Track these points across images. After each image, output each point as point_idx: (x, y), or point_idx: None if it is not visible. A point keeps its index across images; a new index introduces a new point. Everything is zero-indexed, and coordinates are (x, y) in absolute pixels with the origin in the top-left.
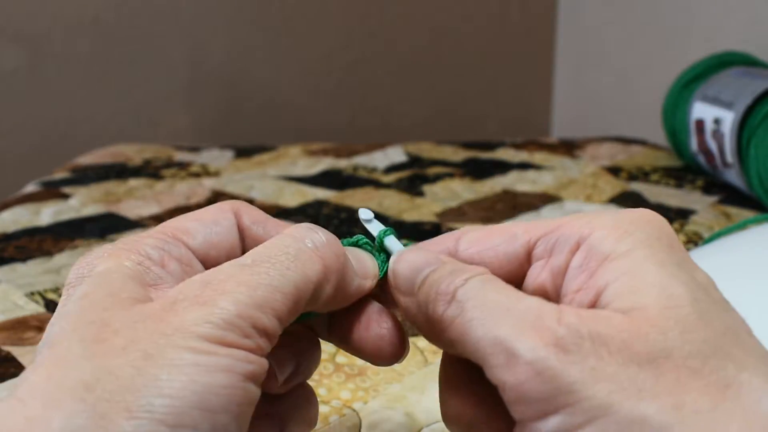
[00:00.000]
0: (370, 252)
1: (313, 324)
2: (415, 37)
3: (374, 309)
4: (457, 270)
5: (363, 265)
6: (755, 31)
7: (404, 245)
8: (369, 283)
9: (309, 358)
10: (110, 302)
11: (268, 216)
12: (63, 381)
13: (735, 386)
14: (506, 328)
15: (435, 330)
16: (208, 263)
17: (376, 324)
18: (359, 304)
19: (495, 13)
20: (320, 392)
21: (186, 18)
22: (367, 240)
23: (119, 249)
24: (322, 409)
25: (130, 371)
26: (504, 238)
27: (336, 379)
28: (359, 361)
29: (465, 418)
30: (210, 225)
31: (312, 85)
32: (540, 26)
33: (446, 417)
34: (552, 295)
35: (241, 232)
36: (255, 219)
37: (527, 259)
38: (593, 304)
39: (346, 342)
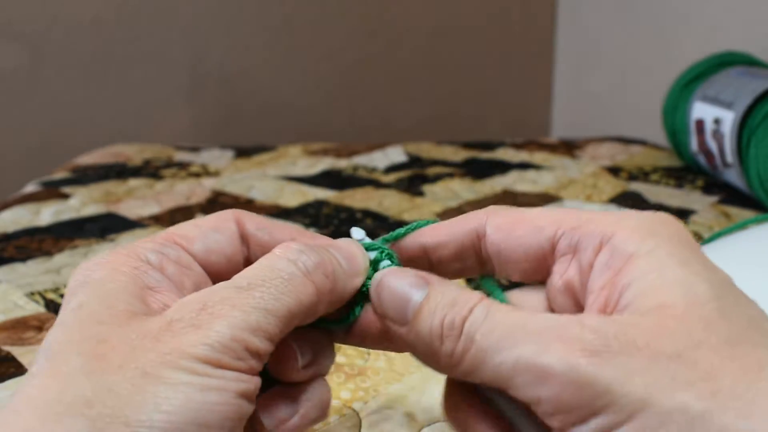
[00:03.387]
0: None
1: (331, 329)
2: (415, 37)
3: None
4: (456, 300)
5: (353, 263)
6: (755, 31)
7: (429, 222)
8: (360, 279)
9: (324, 353)
10: (107, 315)
11: (273, 220)
12: (62, 396)
13: None
14: (527, 346)
15: (442, 363)
16: (208, 268)
17: None
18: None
19: (495, 14)
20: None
21: (186, 18)
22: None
23: (118, 254)
24: None
25: (129, 388)
26: (529, 229)
27: (336, 379)
28: (359, 361)
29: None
30: (210, 232)
31: (312, 85)
32: (540, 26)
33: (452, 425)
34: (579, 291)
35: (246, 239)
36: (259, 225)
37: (551, 253)
38: (617, 301)
39: (363, 340)
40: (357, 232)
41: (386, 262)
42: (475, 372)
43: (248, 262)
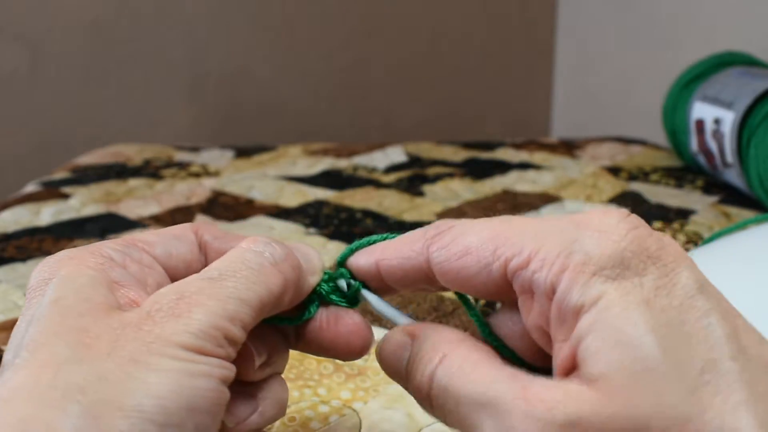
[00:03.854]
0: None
1: (282, 329)
2: (416, 38)
3: (338, 308)
4: (431, 351)
5: (311, 264)
6: (755, 31)
7: (385, 237)
8: (316, 278)
9: (279, 352)
10: (85, 308)
11: (227, 231)
12: (54, 383)
13: None
14: (488, 424)
15: (436, 413)
16: (169, 271)
17: (347, 318)
18: (323, 308)
19: (495, 14)
20: (320, 392)
21: (186, 18)
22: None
23: (82, 252)
24: (322, 409)
25: (120, 375)
26: (477, 268)
27: (336, 379)
28: (359, 361)
29: None
30: (170, 239)
31: (312, 85)
32: (540, 26)
33: None
34: (548, 330)
35: (204, 247)
36: (215, 235)
37: (510, 288)
38: (575, 359)
39: (314, 343)
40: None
41: (342, 281)
42: (448, 419)
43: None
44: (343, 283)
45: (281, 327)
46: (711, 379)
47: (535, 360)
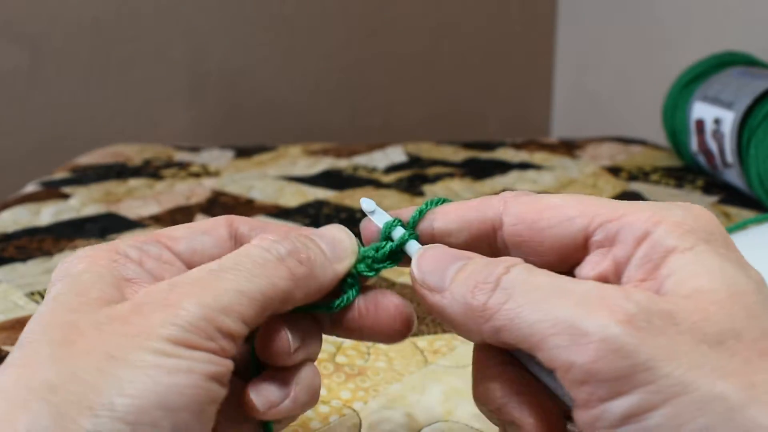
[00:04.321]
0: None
1: (316, 316)
2: (416, 37)
3: (375, 291)
4: (494, 261)
5: (338, 248)
6: (755, 31)
7: (441, 201)
8: (346, 264)
9: (313, 338)
10: (78, 303)
11: (267, 221)
12: (29, 382)
13: None
14: (568, 308)
15: (475, 322)
16: (192, 267)
17: (387, 301)
18: (363, 292)
19: (495, 13)
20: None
21: (186, 18)
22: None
23: (98, 249)
24: (323, 409)
25: (93, 373)
26: (558, 219)
27: (336, 379)
28: (359, 361)
29: (495, 402)
30: (198, 234)
31: (312, 85)
32: (540, 26)
33: (477, 399)
34: (614, 283)
35: (240, 240)
36: (252, 226)
37: (584, 245)
38: (657, 292)
39: (355, 331)
40: (367, 203)
41: (399, 230)
42: (506, 329)
43: None
44: (399, 231)
45: (315, 313)
46: None
47: None
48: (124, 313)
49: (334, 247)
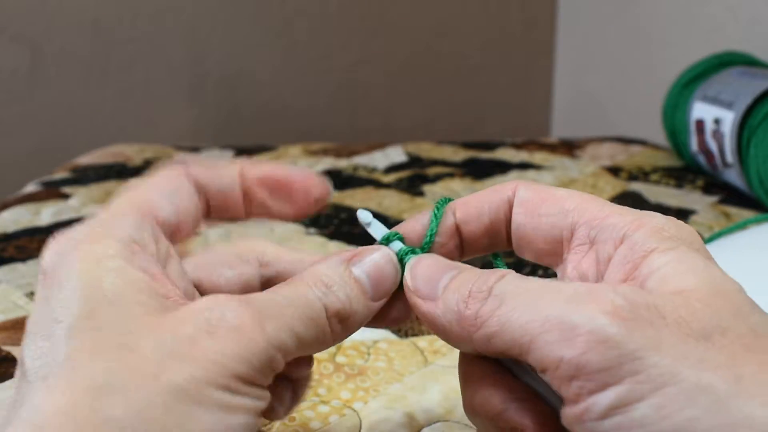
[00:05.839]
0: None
1: None
2: (416, 38)
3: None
4: (487, 271)
5: (380, 288)
6: (755, 31)
7: (448, 200)
8: (379, 305)
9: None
10: (125, 317)
11: (215, 162)
12: (92, 417)
13: None
14: (558, 306)
15: (467, 330)
16: (176, 234)
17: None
18: None
19: (495, 14)
20: (320, 392)
21: (186, 18)
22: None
23: (97, 233)
24: (322, 409)
25: (161, 409)
26: (555, 209)
27: (336, 379)
28: (359, 361)
29: (494, 410)
30: (171, 194)
31: (312, 86)
32: (540, 26)
33: (471, 409)
34: (594, 282)
35: (199, 187)
36: (210, 176)
37: (569, 239)
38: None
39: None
40: (363, 215)
41: (397, 244)
42: (497, 335)
43: (206, 207)
44: (397, 245)
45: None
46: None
47: None
48: (191, 333)
49: (377, 288)
